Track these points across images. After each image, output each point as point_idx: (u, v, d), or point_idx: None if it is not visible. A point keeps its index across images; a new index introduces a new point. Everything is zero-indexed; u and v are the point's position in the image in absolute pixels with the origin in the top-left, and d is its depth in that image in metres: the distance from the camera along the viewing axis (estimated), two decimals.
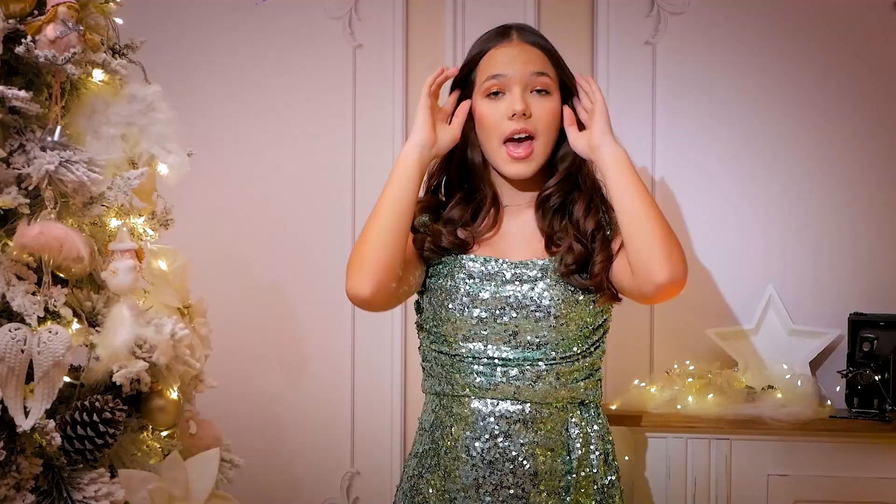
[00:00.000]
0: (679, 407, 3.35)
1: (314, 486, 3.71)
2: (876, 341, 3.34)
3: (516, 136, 2.69)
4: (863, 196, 3.56)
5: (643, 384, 3.44)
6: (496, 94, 2.71)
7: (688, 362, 3.48)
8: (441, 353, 2.74)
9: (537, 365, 2.68)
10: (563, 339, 2.70)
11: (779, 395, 3.33)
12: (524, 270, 2.70)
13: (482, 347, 2.68)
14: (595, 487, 2.71)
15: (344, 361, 3.70)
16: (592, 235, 2.72)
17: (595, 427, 2.75)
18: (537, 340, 2.68)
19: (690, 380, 3.40)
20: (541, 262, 2.71)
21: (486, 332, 2.68)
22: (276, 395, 3.73)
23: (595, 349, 2.77)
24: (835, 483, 3.27)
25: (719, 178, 3.60)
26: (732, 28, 3.60)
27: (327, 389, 3.71)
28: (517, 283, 2.69)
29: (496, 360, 2.68)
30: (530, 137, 2.70)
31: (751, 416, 3.28)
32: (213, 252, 3.61)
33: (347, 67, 3.71)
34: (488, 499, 2.66)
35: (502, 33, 2.77)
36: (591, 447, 2.72)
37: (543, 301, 2.68)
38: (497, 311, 2.68)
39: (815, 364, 3.50)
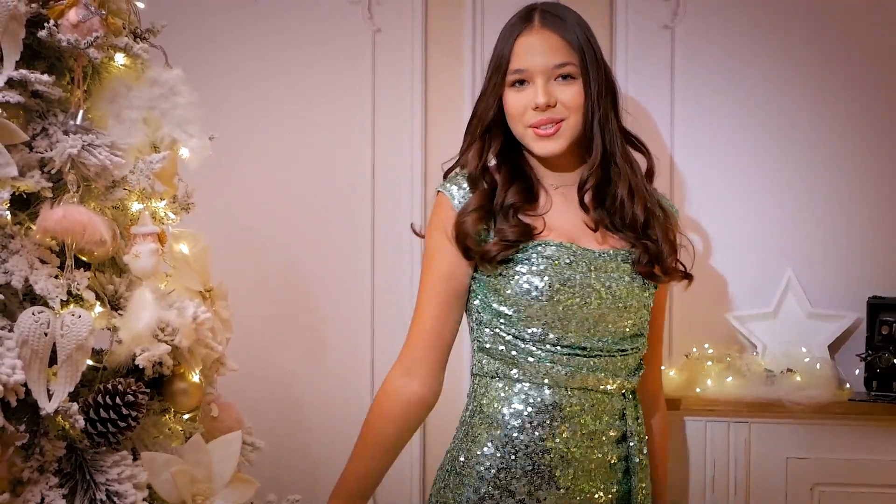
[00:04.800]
0: (698, 390, 3.36)
1: (334, 468, 3.66)
2: (895, 324, 3.34)
3: (542, 128, 2.69)
4: (882, 179, 3.56)
5: (662, 367, 3.43)
6: (521, 82, 2.71)
7: (707, 346, 3.49)
8: (516, 336, 2.70)
9: (612, 356, 2.69)
10: (633, 331, 2.71)
11: (798, 379, 3.33)
12: (608, 261, 2.69)
13: (561, 336, 2.66)
14: (647, 471, 2.73)
15: (363, 344, 3.71)
16: (646, 223, 2.72)
17: (640, 412, 2.76)
18: (613, 330, 2.68)
19: (709, 363, 3.40)
20: (620, 254, 2.71)
21: (565, 322, 2.66)
22: (296, 378, 3.74)
23: (646, 339, 2.79)
24: (854, 466, 3.28)
25: (738, 163, 3.60)
26: (752, 12, 3.59)
27: (347, 372, 3.71)
28: (602, 273, 2.67)
29: (577, 350, 2.67)
30: (557, 125, 2.69)
31: (770, 400, 3.29)
32: (233, 236, 3.62)
33: (367, 52, 3.71)
34: (566, 487, 2.66)
35: (525, 18, 2.74)
36: (640, 430, 2.74)
37: (622, 292, 2.68)
38: (580, 301, 2.66)
39: (833, 347, 3.50)
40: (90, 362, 2.54)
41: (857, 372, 3.43)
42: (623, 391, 2.72)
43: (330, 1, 3.72)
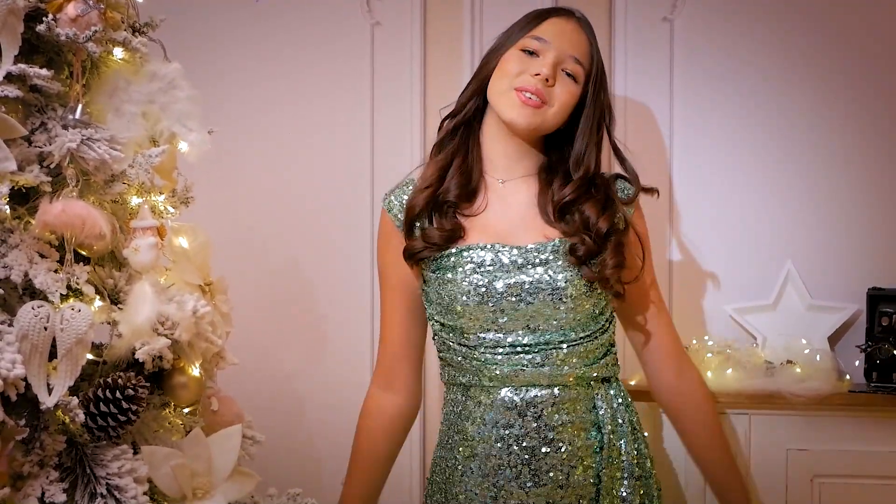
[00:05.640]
0: None
1: (334, 463, 3.70)
2: (894, 315, 3.33)
3: (528, 94, 2.68)
4: (882, 172, 3.55)
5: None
6: (531, 53, 2.71)
7: (706, 338, 3.48)
8: (461, 344, 2.73)
9: (560, 348, 2.68)
10: (580, 319, 2.70)
11: (798, 370, 3.32)
12: (536, 254, 2.69)
13: (502, 336, 2.68)
14: (626, 461, 2.72)
15: (363, 339, 3.71)
16: (606, 235, 2.72)
17: (619, 401, 2.76)
18: (556, 323, 2.68)
19: (709, 355, 3.39)
20: (551, 244, 2.71)
21: (504, 321, 2.68)
22: (296, 373, 3.74)
23: (610, 324, 2.79)
24: (854, 457, 3.27)
25: (737, 155, 3.59)
26: (751, 4, 3.58)
27: (347, 367, 3.71)
28: (530, 267, 2.67)
29: (518, 348, 2.67)
30: (542, 104, 2.69)
31: (770, 391, 3.28)
32: (233, 230, 3.61)
33: (365, 45, 3.70)
34: (530, 484, 2.67)
35: (563, 10, 2.79)
36: (619, 421, 2.73)
37: (559, 283, 2.67)
38: (514, 299, 2.67)
39: (833, 339, 3.49)
40: (90, 356, 2.54)
41: (857, 363, 3.42)
42: (589, 380, 2.72)
43: None
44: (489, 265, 2.68)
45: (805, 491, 3.29)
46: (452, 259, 2.72)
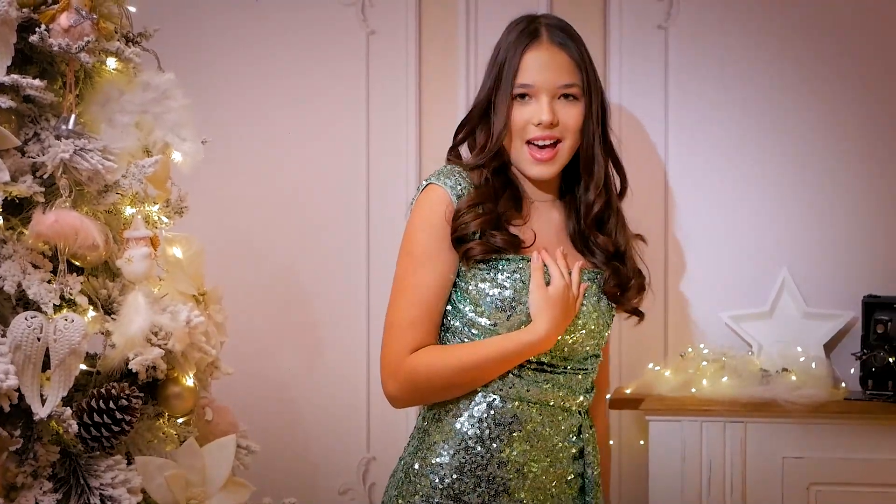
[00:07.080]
0: (694, 390, 3.35)
1: (331, 471, 3.72)
2: (890, 323, 3.33)
3: (539, 143, 2.66)
4: (877, 179, 3.55)
5: (658, 368, 3.44)
6: (524, 96, 2.68)
7: (702, 345, 3.48)
8: None
9: (576, 373, 2.69)
10: (595, 349, 2.72)
11: (793, 378, 3.33)
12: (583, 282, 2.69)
13: (544, 356, 2.66)
14: (600, 487, 2.73)
15: (359, 347, 3.70)
16: (625, 254, 2.75)
17: (593, 429, 2.77)
18: (580, 349, 2.67)
19: (705, 363, 3.39)
20: (587, 274, 2.69)
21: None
22: (292, 381, 3.73)
23: (600, 359, 2.81)
24: (850, 465, 3.28)
25: (733, 162, 3.59)
26: (745, 12, 3.58)
27: (343, 375, 3.71)
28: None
29: (546, 367, 2.64)
30: (555, 143, 2.66)
31: (765, 399, 3.28)
32: (228, 239, 3.61)
33: (361, 54, 3.70)
34: (520, 500, 2.65)
35: (532, 32, 2.69)
36: (594, 447, 2.73)
37: (589, 311, 2.67)
38: None
39: (829, 346, 3.50)
40: (83, 367, 2.54)
41: (852, 371, 3.43)
42: (580, 409, 2.72)
43: (323, 3, 3.71)
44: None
45: (801, 499, 3.29)
46: (514, 264, 2.63)
